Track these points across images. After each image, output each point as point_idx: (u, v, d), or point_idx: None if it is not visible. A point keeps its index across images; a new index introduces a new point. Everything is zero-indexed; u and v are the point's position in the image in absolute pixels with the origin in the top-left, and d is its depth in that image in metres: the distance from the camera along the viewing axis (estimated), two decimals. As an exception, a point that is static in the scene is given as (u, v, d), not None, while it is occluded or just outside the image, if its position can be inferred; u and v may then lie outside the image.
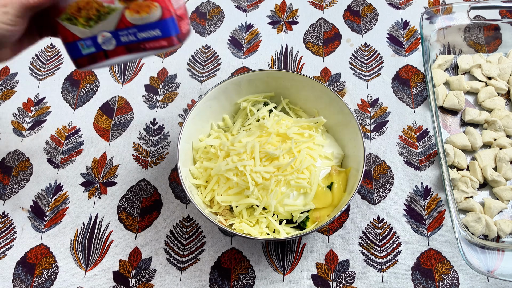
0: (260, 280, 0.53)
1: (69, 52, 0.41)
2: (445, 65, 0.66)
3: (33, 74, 0.71)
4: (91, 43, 0.40)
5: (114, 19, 0.38)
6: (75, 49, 0.41)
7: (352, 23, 0.73)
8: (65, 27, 0.40)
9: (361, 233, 0.56)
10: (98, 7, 0.38)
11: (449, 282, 0.52)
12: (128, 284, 0.54)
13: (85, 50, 0.40)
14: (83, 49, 0.40)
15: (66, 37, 0.40)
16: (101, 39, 0.39)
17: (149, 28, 0.38)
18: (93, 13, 0.38)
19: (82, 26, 0.39)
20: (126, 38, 0.39)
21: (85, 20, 0.39)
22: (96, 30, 0.39)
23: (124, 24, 0.38)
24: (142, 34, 0.39)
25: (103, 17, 0.38)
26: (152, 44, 0.39)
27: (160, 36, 0.38)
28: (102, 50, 0.40)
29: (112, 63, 0.41)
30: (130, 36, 0.39)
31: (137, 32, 0.38)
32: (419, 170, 0.59)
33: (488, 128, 0.61)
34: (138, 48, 0.39)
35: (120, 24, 0.38)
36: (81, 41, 0.40)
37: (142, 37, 0.39)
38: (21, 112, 0.68)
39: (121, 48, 0.40)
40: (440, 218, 0.56)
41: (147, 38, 0.39)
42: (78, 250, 0.56)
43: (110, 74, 0.70)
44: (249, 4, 0.76)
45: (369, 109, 0.64)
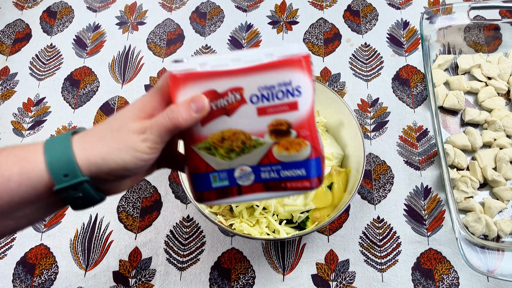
0: (260, 280, 0.53)
1: (195, 183, 0.36)
2: (445, 65, 0.66)
3: (33, 74, 0.71)
4: (225, 176, 0.36)
5: (259, 154, 0.35)
6: (205, 181, 0.36)
7: (352, 23, 0.73)
8: (200, 156, 0.35)
9: (361, 233, 0.56)
10: (245, 139, 0.35)
11: (449, 282, 0.52)
12: (128, 284, 0.54)
13: (217, 183, 0.36)
14: (214, 182, 0.36)
15: (197, 167, 0.36)
16: (239, 173, 0.36)
17: (294, 166, 0.35)
18: (237, 145, 0.35)
19: (221, 158, 0.35)
20: (267, 175, 0.35)
21: (226, 152, 0.35)
22: (235, 163, 0.35)
23: (269, 159, 0.35)
24: (285, 172, 0.35)
25: (247, 150, 0.35)
26: (294, 184, 0.35)
27: (304, 176, 0.35)
28: (237, 185, 0.36)
29: (243, 200, 0.36)
30: (272, 173, 0.35)
31: (281, 170, 0.35)
32: (419, 170, 0.59)
33: (488, 128, 0.61)
34: (278, 187, 0.36)
35: (264, 159, 0.35)
36: (214, 173, 0.36)
37: (284, 176, 0.35)
38: (21, 112, 0.68)
39: (259, 185, 0.36)
40: (440, 218, 0.56)
41: (290, 177, 0.35)
42: (78, 250, 0.56)
43: (110, 74, 0.70)
44: (249, 4, 0.76)
45: (369, 109, 0.64)
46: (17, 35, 0.75)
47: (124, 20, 0.75)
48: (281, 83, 0.33)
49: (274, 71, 0.33)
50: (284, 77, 0.33)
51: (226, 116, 0.34)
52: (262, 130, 0.34)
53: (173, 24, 0.74)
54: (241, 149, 0.35)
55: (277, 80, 0.33)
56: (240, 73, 0.33)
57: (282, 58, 0.33)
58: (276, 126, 0.34)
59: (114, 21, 0.75)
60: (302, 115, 0.34)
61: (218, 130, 0.35)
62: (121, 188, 0.35)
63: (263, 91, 0.34)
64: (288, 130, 0.34)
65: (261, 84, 0.33)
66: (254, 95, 0.34)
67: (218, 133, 0.35)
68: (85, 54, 0.72)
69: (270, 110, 0.34)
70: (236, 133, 0.34)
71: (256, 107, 0.34)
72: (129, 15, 0.76)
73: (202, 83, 0.34)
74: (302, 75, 0.33)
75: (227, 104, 0.34)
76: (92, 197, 0.32)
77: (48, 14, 0.77)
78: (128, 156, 0.31)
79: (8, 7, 0.78)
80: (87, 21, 0.76)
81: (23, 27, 0.76)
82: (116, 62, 0.71)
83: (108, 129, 0.32)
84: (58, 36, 0.75)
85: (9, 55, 0.73)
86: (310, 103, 0.34)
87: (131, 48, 0.72)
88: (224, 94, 0.34)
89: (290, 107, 0.34)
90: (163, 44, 0.72)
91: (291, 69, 0.33)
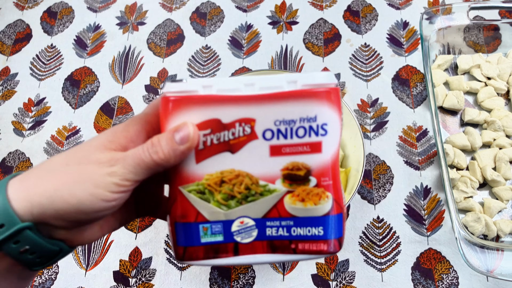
0: (260, 280, 0.53)
1: (178, 235, 0.29)
2: (444, 66, 0.66)
3: (33, 74, 0.71)
4: (220, 230, 0.28)
5: (267, 204, 0.28)
6: (192, 234, 0.28)
7: (352, 23, 0.73)
8: (190, 201, 0.28)
9: (361, 232, 0.56)
10: (250, 184, 0.28)
11: (448, 282, 0.52)
12: (129, 283, 0.54)
13: (208, 237, 0.28)
14: (205, 236, 0.28)
15: (184, 215, 0.28)
16: (238, 227, 0.28)
17: (310, 223, 0.28)
18: (240, 191, 0.28)
19: (217, 205, 0.28)
20: (274, 232, 0.28)
21: (224, 198, 0.28)
22: (234, 214, 0.28)
23: (278, 212, 0.28)
24: (298, 230, 0.28)
25: (251, 199, 0.28)
26: (307, 246, 0.28)
27: (321, 237, 0.28)
28: (233, 242, 0.28)
29: (239, 263, 0.29)
30: (280, 230, 0.28)
31: (293, 227, 0.28)
32: (419, 170, 0.60)
33: (487, 128, 0.61)
34: (286, 248, 0.28)
35: (272, 211, 0.28)
36: (206, 224, 0.28)
37: (296, 234, 0.28)
38: (22, 112, 0.68)
39: (262, 244, 0.29)
40: (439, 218, 0.56)
41: (302, 237, 0.28)
42: (78, 249, 0.56)
43: (110, 74, 0.70)
44: (249, 4, 0.76)
45: (369, 109, 0.65)
46: (17, 36, 0.75)
47: (124, 20, 0.76)
48: (304, 118, 0.27)
49: (296, 103, 0.27)
50: (309, 111, 0.27)
51: (229, 153, 0.28)
52: (273, 174, 0.28)
53: (173, 25, 0.75)
54: (244, 196, 0.28)
55: (300, 114, 0.27)
56: (253, 101, 0.27)
57: (308, 88, 0.27)
58: (292, 171, 0.28)
59: (114, 22, 0.76)
60: (325, 159, 0.28)
61: (216, 170, 0.28)
62: (86, 237, 0.27)
63: (280, 126, 0.27)
64: (307, 177, 0.28)
65: (279, 117, 0.27)
66: (269, 130, 0.27)
67: (217, 174, 0.28)
68: (85, 55, 0.72)
69: (286, 150, 0.28)
70: (240, 175, 0.28)
71: (269, 145, 0.28)
72: (129, 16, 0.76)
73: (202, 109, 0.27)
74: (331, 110, 0.27)
75: (232, 139, 0.28)
76: (44, 248, 0.25)
77: (49, 14, 0.77)
78: (84, 193, 0.24)
79: (8, 8, 0.79)
80: (88, 21, 0.76)
81: (24, 28, 0.76)
82: (116, 63, 0.71)
83: (63, 162, 0.25)
84: (58, 36, 0.75)
85: (10, 56, 0.73)
86: (336, 145, 0.28)
87: (131, 49, 0.72)
88: (230, 125, 0.27)
89: (312, 148, 0.28)
90: (163, 45, 0.72)
91: (317, 102, 0.27)
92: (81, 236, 0.27)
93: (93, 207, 0.24)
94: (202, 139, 0.27)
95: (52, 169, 0.25)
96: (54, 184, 0.24)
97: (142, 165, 0.25)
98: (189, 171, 0.28)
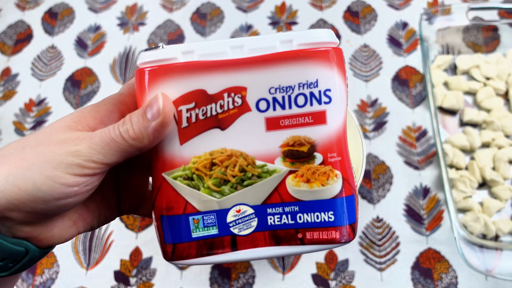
0: (260, 279, 0.54)
1: (165, 231, 0.24)
2: (444, 66, 0.66)
3: (34, 74, 0.72)
4: (213, 221, 0.24)
5: (266, 187, 0.24)
6: (181, 228, 0.24)
7: (352, 24, 0.73)
8: (176, 190, 0.24)
9: (361, 232, 0.56)
10: (245, 165, 0.23)
11: (447, 281, 0.52)
12: (129, 283, 0.54)
13: (199, 231, 0.24)
14: (196, 230, 0.24)
15: (170, 207, 0.24)
16: (234, 217, 0.24)
17: (318, 208, 0.24)
18: (234, 174, 0.23)
19: (208, 192, 0.24)
20: (276, 220, 0.24)
21: (216, 183, 0.24)
22: (229, 202, 0.24)
23: (281, 197, 0.24)
24: (305, 216, 0.24)
25: (248, 182, 0.24)
26: (316, 235, 0.24)
27: (332, 223, 0.24)
28: (230, 235, 0.24)
29: (238, 259, 0.25)
30: (284, 218, 0.24)
31: (298, 213, 0.24)
32: (418, 170, 0.60)
33: (486, 128, 0.61)
34: (292, 238, 0.24)
35: (273, 196, 0.24)
36: (197, 215, 0.24)
37: (303, 222, 0.24)
38: (23, 112, 0.68)
39: (263, 235, 0.24)
40: (439, 217, 0.56)
41: (310, 224, 0.24)
42: (79, 249, 0.56)
43: (111, 75, 0.70)
44: (249, 5, 0.77)
45: (368, 110, 0.65)
46: (18, 36, 0.76)
47: (125, 21, 0.76)
48: (304, 83, 0.23)
49: (293, 66, 0.23)
50: (308, 74, 0.23)
51: (218, 129, 0.23)
52: (272, 152, 0.24)
53: (174, 25, 0.75)
54: (239, 180, 0.24)
55: (298, 79, 0.23)
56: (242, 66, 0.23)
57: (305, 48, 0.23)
58: (293, 147, 0.23)
59: (115, 22, 0.76)
60: (331, 132, 0.23)
61: (205, 151, 0.24)
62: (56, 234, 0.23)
63: (276, 94, 0.23)
64: (311, 153, 0.24)
65: (274, 84, 0.23)
66: (263, 100, 0.23)
67: (205, 156, 0.23)
68: (86, 55, 0.73)
69: (285, 123, 0.23)
70: (233, 155, 0.23)
71: (265, 118, 0.23)
72: (130, 16, 0.76)
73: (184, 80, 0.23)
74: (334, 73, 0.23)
75: (220, 112, 0.23)
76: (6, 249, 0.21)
77: (50, 15, 0.78)
78: (40, 176, 0.19)
79: (9, 8, 0.79)
80: (88, 22, 0.76)
81: (25, 28, 0.76)
82: (117, 63, 0.71)
83: (19, 146, 0.21)
84: (59, 37, 0.75)
85: (11, 56, 0.74)
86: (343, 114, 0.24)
87: (132, 49, 0.73)
88: (218, 96, 0.23)
89: (315, 119, 0.23)
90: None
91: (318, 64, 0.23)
92: (50, 233, 0.23)
93: (52, 193, 0.20)
94: (186, 116, 0.23)
95: (5, 154, 0.21)
96: (6, 170, 0.20)
97: (112, 145, 0.21)
98: (173, 154, 0.23)
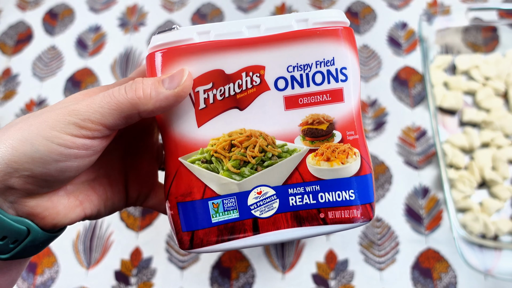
0: (260, 279, 0.54)
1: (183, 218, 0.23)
2: (443, 66, 0.67)
3: (35, 75, 0.72)
4: (234, 205, 0.23)
5: (287, 167, 0.23)
6: (200, 214, 0.23)
7: (351, 24, 0.74)
8: (194, 174, 0.23)
9: (360, 232, 0.56)
10: (265, 145, 0.23)
11: (447, 281, 0.53)
12: (129, 283, 0.54)
13: (219, 216, 0.23)
14: (216, 215, 0.23)
15: (189, 192, 0.23)
16: (255, 199, 0.23)
17: (339, 186, 0.23)
18: (254, 154, 0.23)
19: (228, 175, 0.23)
20: (298, 201, 0.23)
21: (236, 165, 0.23)
22: (250, 183, 0.23)
23: (301, 176, 0.23)
24: (326, 195, 0.23)
25: (268, 163, 0.23)
26: (338, 214, 0.23)
27: (353, 201, 0.23)
28: (252, 218, 0.23)
29: (261, 243, 0.24)
30: (306, 198, 0.23)
31: (320, 192, 0.23)
32: (418, 170, 0.60)
33: (486, 128, 0.61)
34: (314, 218, 0.23)
35: (294, 176, 0.23)
36: (216, 199, 0.23)
37: (325, 201, 0.23)
38: (24, 112, 0.68)
39: (285, 216, 0.24)
40: (438, 217, 0.56)
41: (332, 204, 0.23)
42: (80, 249, 0.57)
43: (111, 74, 0.71)
44: (249, 5, 0.77)
45: (368, 110, 0.65)
46: (19, 36, 0.76)
47: (125, 21, 0.76)
48: (321, 61, 0.23)
49: (310, 44, 0.23)
50: (325, 53, 0.23)
51: (237, 110, 0.23)
52: (291, 131, 0.23)
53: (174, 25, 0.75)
54: (260, 161, 0.23)
55: (315, 57, 0.23)
56: (260, 45, 0.22)
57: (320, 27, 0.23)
58: (312, 125, 0.23)
59: (115, 23, 0.76)
60: (349, 109, 0.23)
61: (223, 132, 0.23)
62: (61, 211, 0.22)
63: (295, 73, 0.23)
64: (330, 131, 0.23)
65: (292, 62, 0.23)
66: (281, 78, 0.23)
67: (224, 138, 0.23)
68: (86, 55, 0.73)
69: (303, 101, 0.23)
70: (253, 136, 0.23)
71: (284, 97, 0.23)
72: (130, 16, 0.77)
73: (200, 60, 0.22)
74: (349, 51, 0.23)
75: (239, 92, 0.23)
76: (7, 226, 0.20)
77: (50, 15, 0.78)
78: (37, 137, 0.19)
79: (10, 9, 0.79)
80: (89, 22, 0.77)
81: (25, 28, 0.77)
82: (117, 63, 0.72)
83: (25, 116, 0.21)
84: (60, 37, 0.75)
85: (12, 56, 0.74)
86: (358, 93, 0.24)
87: (132, 49, 0.73)
88: (235, 76, 0.23)
89: (333, 97, 0.23)
90: (164, 45, 0.73)
91: (334, 42, 0.23)
92: (55, 210, 0.22)
93: (50, 154, 0.19)
94: (203, 97, 0.23)
95: (12, 124, 0.20)
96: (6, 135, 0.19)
97: (112, 104, 0.19)
98: (191, 137, 0.22)
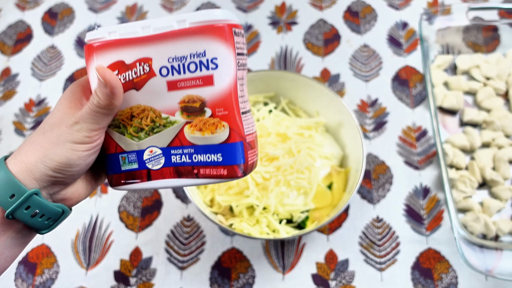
0: (260, 279, 0.54)
1: (107, 165, 0.34)
2: (444, 66, 0.66)
3: (34, 74, 0.72)
4: (134, 159, 0.33)
5: (169, 134, 0.32)
6: (115, 163, 0.33)
7: (352, 24, 0.73)
8: (111, 135, 0.33)
9: (361, 232, 0.56)
10: (155, 117, 0.31)
11: (448, 281, 0.52)
12: (129, 283, 0.54)
13: (126, 165, 0.33)
14: (124, 164, 0.33)
15: (108, 148, 0.33)
16: (148, 155, 0.32)
17: (209, 150, 0.31)
18: (147, 123, 0.32)
19: (130, 137, 0.32)
20: (178, 159, 0.32)
21: (135, 130, 0.32)
22: (144, 144, 0.32)
23: (180, 141, 0.31)
24: (199, 156, 0.31)
25: (157, 130, 0.32)
26: (208, 171, 0.31)
27: (220, 162, 0.31)
28: (146, 169, 0.33)
29: (152, 187, 0.33)
30: (183, 157, 0.32)
31: (194, 154, 0.31)
32: (418, 170, 0.60)
33: (486, 128, 0.61)
34: (190, 173, 0.32)
35: (175, 141, 0.32)
36: (123, 154, 0.33)
37: (198, 161, 0.31)
38: (23, 112, 0.68)
39: (169, 170, 0.32)
40: (439, 217, 0.56)
41: (203, 163, 0.31)
42: (79, 249, 0.56)
43: (111, 75, 0.70)
44: (249, 5, 0.77)
45: (368, 110, 0.65)
46: (18, 36, 0.76)
47: (125, 21, 0.76)
48: (194, 53, 0.30)
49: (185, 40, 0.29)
50: (197, 47, 0.29)
51: (134, 90, 0.31)
52: (173, 107, 0.31)
53: (174, 25, 0.75)
54: (151, 128, 0.32)
55: (189, 51, 0.30)
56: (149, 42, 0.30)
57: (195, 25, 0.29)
58: (187, 103, 0.31)
59: (115, 22, 0.76)
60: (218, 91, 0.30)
61: (126, 106, 0.32)
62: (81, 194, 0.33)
63: (174, 63, 0.30)
64: (202, 108, 0.30)
65: (171, 55, 0.30)
66: (164, 67, 0.30)
67: (127, 110, 0.32)
68: (86, 55, 0.73)
69: (181, 85, 0.30)
70: (146, 110, 0.31)
71: (166, 81, 0.31)
72: (130, 16, 0.76)
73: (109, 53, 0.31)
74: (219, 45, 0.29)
75: (135, 77, 0.31)
76: (51, 210, 0.30)
77: (50, 15, 0.78)
78: (67, 150, 0.29)
79: (9, 8, 0.79)
80: (88, 22, 0.76)
81: (25, 28, 0.76)
82: (117, 63, 0.71)
83: (40, 133, 0.30)
84: (59, 37, 0.75)
85: (11, 56, 0.74)
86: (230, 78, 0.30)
87: (132, 49, 0.73)
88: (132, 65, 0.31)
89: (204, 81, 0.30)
90: (164, 45, 0.73)
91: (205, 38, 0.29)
92: (77, 193, 0.32)
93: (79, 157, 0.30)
94: None
95: (34, 141, 0.30)
96: (42, 151, 0.29)
97: (97, 114, 0.30)
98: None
